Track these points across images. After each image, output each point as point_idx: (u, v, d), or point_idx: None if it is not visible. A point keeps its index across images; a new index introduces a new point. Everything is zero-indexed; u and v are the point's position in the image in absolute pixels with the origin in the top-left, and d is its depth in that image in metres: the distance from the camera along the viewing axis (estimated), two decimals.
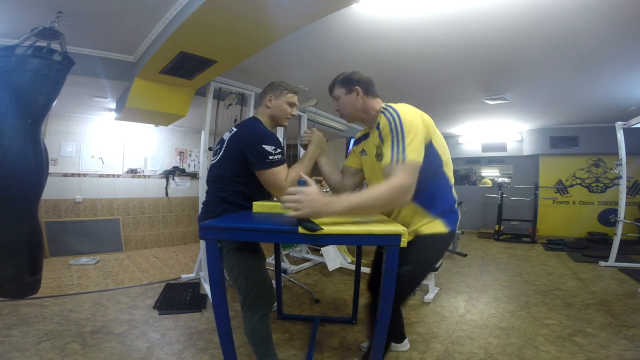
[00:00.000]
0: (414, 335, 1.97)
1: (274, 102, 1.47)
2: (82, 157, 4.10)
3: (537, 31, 2.27)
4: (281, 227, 0.98)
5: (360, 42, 2.51)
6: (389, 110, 1.19)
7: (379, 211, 1.11)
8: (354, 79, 1.34)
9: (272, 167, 1.29)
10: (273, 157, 1.29)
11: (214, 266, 1.00)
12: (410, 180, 1.03)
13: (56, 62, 1.53)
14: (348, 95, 1.34)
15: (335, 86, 1.39)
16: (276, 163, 1.30)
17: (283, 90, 1.47)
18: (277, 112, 1.47)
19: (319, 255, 3.55)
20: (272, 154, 1.29)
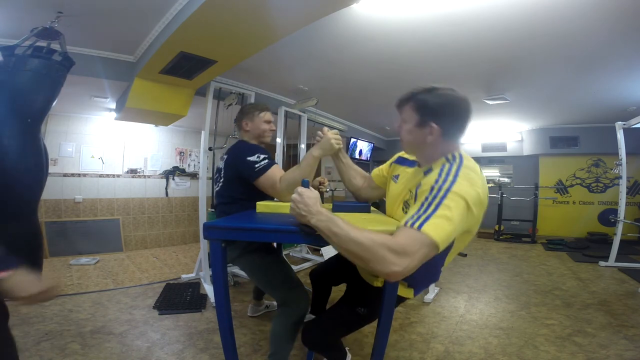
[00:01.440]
0: (414, 335, 1.97)
1: (250, 125, 1.64)
2: (82, 157, 4.10)
3: (537, 31, 2.27)
4: (282, 227, 0.98)
5: (360, 42, 2.51)
6: (451, 165, 0.87)
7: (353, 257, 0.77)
8: (436, 110, 0.92)
9: (262, 173, 1.37)
10: (259, 164, 1.39)
11: (218, 266, 1.00)
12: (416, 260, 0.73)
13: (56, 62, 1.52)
14: (418, 128, 0.94)
15: (408, 105, 0.97)
16: (264, 168, 1.38)
17: (254, 112, 1.64)
18: (256, 132, 1.64)
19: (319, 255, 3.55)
20: (257, 162, 1.39)
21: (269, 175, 1.37)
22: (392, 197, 1.15)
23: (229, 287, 1.06)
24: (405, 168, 1.16)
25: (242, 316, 2.23)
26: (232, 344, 1.10)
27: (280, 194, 1.34)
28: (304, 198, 0.85)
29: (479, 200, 0.81)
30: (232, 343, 1.09)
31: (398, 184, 1.15)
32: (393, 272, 0.72)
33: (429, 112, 0.92)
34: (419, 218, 0.76)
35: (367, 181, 1.38)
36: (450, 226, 0.76)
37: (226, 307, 1.05)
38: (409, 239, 0.74)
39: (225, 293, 1.04)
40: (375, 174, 1.35)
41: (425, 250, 0.74)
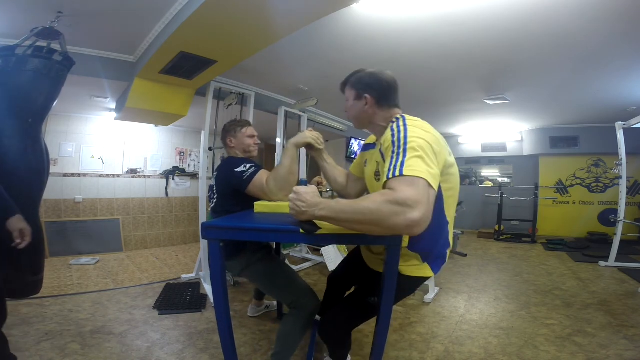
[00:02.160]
0: (414, 335, 1.97)
1: (234, 141, 1.70)
2: (82, 157, 4.10)
3: (537, 31, 2.27)
4: (282, 227, 0.98)
5: (360, 42, 2.51)
6: (397, 122, 0.97)
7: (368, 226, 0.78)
8: (367, 84, 1.11)
9: (250, 180, 1.40)
10: (245, 172, 1.42)
11: (216, 266, 1.00)
12: (416, 194, 0.73)
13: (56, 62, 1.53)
14: (356, 101, 1.13)
15: (347, 86, 1.19)
16: (251, 175, 1.41)
17: (236, 128, 1.70)
18: (241, 147, 1.70)
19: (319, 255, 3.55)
20: (244, 171, 1.43)
21: (256, 181, 1.40)
22: (369, 179, 1.23)
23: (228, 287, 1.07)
24: (370, 151, 1.24)
25: (242, 316, 2.23)
26: (232, 344, 1.10)
27: (271, 193, 1.36)
28: (300, 195, 0.86)
29: (435, 139, 0.92)
30: (232, 343, 1.09)
31: (368, 165, 1.23)
32: (411, 219, 0.72)
33: (362, 87, 1.11)
34: (395, 168, 0.80)
35: (349, 177, 1.45)
36: (424, 163, 0.81)
37: (225, 307, 1.05)
38: (400, 186, 0.76)
39: (224, 293, 1.04)
40: (352, 167, 1.44)
41: (421, 189, 0.75)
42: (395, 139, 0.89)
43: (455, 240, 4.26)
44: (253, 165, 1.47)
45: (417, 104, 4.33)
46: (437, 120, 5.48)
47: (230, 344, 1.09)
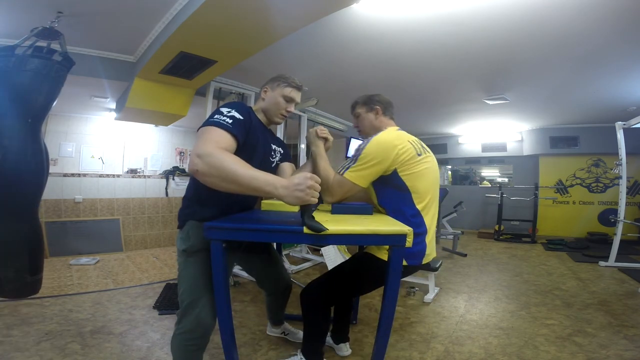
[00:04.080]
0: (414, 335, 1.97)
1: (269, 93, 1.37)
2: (82, 157, 4.10)
3: (537, 31, 2.27)
4: (285, 227, 0.98)
5: (361, 42, 2.51)
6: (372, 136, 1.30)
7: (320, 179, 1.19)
8: (376, 99, 1.47)
9: (206, 125, 1.06)
10: (220, 116, 1.08)
11: (218, 266, 1.00)
12: (336, 190, 1.26)
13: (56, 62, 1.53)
14: (368, 113, 1.47)
15: (358, 105, 1.50)
16: (215, 123, 1.05)
17: (281, 83, 1.36)
18: (271, 105, 1.36)
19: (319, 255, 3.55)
20: (221, 113, 1.10)
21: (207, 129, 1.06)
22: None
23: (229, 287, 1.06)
24: None
25: (242, 316, 2.23)
26: (232, 343, 1.10)
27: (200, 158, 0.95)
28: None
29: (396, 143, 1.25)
30: (232, 343, 1.10)
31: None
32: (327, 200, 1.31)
33: (372, 102, 1.47)
34: (343, 168, 1.27)
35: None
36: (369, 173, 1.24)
37: (226, 307, 1.05)
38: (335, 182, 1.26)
39: (225, 293, 1.04)
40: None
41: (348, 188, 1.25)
42: (357, 148, 1.29)
43: (455, 240, 4.26)
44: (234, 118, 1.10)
45: (417, 104, 4.33)
46: (437, 120, 5.48)
47: (231, 344, 1.09)
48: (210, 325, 1.16)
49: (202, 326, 1.15)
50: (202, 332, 1.15)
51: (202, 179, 0.94)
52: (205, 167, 0.92)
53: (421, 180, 1.28)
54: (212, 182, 0.94)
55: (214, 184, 0.94)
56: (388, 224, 1.04)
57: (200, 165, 0.92)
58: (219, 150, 0.97)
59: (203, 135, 1.03)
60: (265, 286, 1.72)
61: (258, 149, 1.26)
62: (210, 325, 1.16)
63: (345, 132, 5.53)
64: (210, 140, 1.00)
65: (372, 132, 1.42)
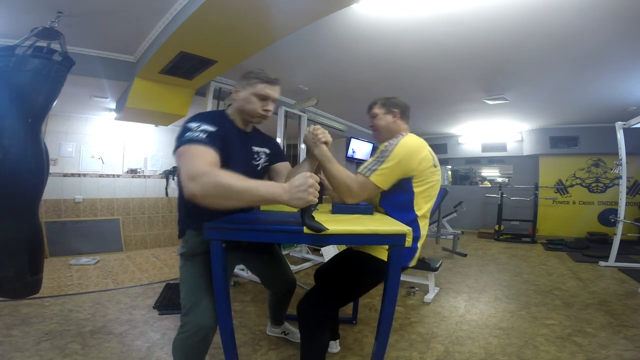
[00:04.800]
0: (414, 335, 1.97)
1: (240, 94, 1.23)
2: (82, 157, 4.10)
3: (537, 31, 2.28)
4: (285, 227, 0.98)
5: (360, 42, 2.51)
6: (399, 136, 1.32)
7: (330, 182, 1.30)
8: (394, 102, 1.48)
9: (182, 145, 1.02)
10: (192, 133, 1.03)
11: (218, 266, 1.00)
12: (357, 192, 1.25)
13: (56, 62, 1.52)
14: (387, 114, 1.47)
15: (377, 104, 1.50)
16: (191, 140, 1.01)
17: (252, 80, 1.22)
18: (243, 106, 1.23)
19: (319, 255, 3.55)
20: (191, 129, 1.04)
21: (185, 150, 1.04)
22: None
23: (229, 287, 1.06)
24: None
25: (242, 316, 2.23)
26: (232, 344, 1.10)
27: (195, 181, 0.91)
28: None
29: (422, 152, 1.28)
30: (232, 343, 1.09)
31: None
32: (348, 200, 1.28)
33: (390, 105, 1.47)
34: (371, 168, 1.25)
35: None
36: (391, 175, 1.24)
37: (225, 307, 1.05)
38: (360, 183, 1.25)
39: (225, 293, 1.04)
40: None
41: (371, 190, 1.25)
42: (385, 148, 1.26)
43: (455, 240, 4.26)
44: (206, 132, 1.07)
45: (417, 104, 4.33)
46: (437, 120, 5.49)
47: (231, 344, 1.09)
48: (211, 328, 1.13)
49: (203, 330, 1.12)
50: (203, 335, 1.13)
51: (202, 202, 0.88)
52: (202, 188, 0.87)
53: (429, 190, 1.31)
54: (214, 203, 0.89)
55: (217, 204, 0.89)
56: (388, 224, 1.04)
57: (197, 189, 0.88)
58: (209, 167, 0.92)
59: (185, 156, 0.98)
60: (269, 285, 1.71)
61: (235, 157, 1.17)
62: (211, 329, 1.14)
63: (345, 132, 5.53)
64: (195, 159, 0.96)
65: (388, 134, 1.43)
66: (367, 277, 1.30)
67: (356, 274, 1.31)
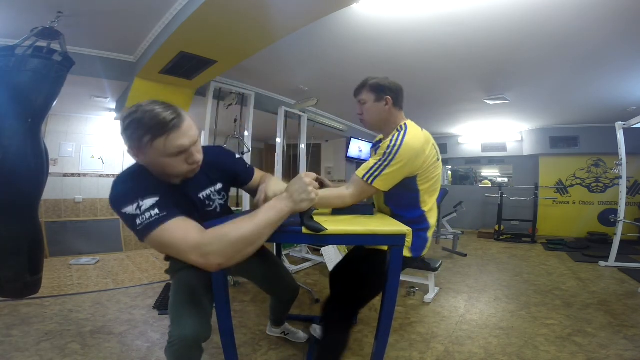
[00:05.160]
0: (414, 335, 1.97)
1: (144, 159, 0.91)
2: (82, 157, 4.10)
3: (537, 31, 2.28)
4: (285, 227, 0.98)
5: (360, 42, 2.51)
6: (400, 132, 1.20)
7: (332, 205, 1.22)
8: (386, 87, 1.28)
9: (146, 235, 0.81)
10: (142, 217, 0.82)
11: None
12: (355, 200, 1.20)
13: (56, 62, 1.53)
14: (377, 102, 1.29)
15: (364, 89, 1.32)
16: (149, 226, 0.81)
17: (143, 138, 0.85)
18: (160, 172, 0.94)
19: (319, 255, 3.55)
20: (135, 214, 0.83)
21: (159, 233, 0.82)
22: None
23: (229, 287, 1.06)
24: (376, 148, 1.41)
25: (242, 316, 2.23)
26: (232, 344, 1.10)
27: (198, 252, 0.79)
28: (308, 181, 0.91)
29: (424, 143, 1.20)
30: (232, 343, 1.10)
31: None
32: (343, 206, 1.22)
33: (380, 89, 1.28)
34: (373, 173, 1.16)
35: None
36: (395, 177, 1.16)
37: (225, 307, 1.06)
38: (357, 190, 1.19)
39: (225, 293, 1.04)
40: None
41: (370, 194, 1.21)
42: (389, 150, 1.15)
43: (455, 240, 4.26)
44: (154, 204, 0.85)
45: (417, 104, 4.33)
46: (437, 120, 5.48)
47: (231, 344, 1.09)
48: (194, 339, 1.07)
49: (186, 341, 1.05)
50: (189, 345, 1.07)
51: (230, 263, 0.80)
52: (221, 255, 0.77)
53: (433, 185, 1.27)
54: (239, 258, 0.80)
55: (241, 257, 0.81)
56: (387, 224, 1.04)
57: (216, 259, 0.77)
58: (202, 233, 0.80)
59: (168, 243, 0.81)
60: (271, 293, 1.68)
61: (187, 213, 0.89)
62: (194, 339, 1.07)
63: (345, 132, 5.53)
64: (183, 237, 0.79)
65: (380, 124, 1.32)
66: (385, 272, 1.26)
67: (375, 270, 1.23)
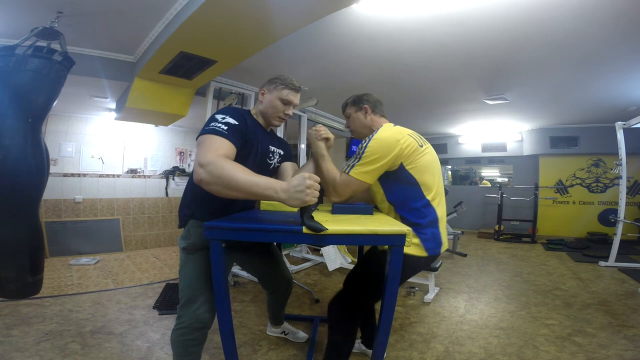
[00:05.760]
0: (414, 335, 1.97)
1: (266, 96, 1.34)
2: (82, 157, 4.10)
3: (537, 31, 2.27)
4: (285, 227, 0.98)
5: (360, 42, 2.51)
6: (373, 133, 1.31)
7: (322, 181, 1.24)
8: (364, 99, 1.48)
9: (203, 133, 1.09)
10: (216, 123, 1.10)
11: (217, 265, 1.00)
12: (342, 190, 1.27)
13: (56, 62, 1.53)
14: (358, 112, 1.47)
15: (348, 105, 1.52)
16: (212, 131, 1.08)
17: (278, 85, 1.33)
18: (267, 108, 1.34)
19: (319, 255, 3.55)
20: (216, 120, 1.12)
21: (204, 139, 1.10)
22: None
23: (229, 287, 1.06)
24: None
25: (242, 316, 2.23)
26: (232, 344, 1.10)
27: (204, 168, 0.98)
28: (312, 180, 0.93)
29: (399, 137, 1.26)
30: (232, 343, 1.09)
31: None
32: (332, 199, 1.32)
33: (359, 101, 1.48)
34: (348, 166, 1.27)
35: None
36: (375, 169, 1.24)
37: (225, 307, 1.05)
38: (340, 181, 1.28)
39: (225, 293, 1.04)
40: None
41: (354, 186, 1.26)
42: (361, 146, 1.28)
43: (455, 240, 4.26)
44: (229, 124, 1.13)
45: (417, 103, 4.33)
46: (437, 120, 5.48)
47: (231, 344, 1.09)
48: (208, 320, 1.18)
49: (200, 322, 1.18)
50: (199, 327, 1.18)
51: (207, 187, 0.97)
52: (208, 176, 0.95)
53: (428, 171, 1.30)
54: (216, 190, 0.96)
55: (218, 191, 0.96)
56: (387, 224, 1.04)
57: (204, 175, 0.96)
58: (219, 158, 1.00)
59: (202, 144, 1.06)
60: (266, 284, 1.71)
61: (252, 152, 1.25)
62: (208, 321, 1.19)
63: (345, 132, 5.53)
64: (210, 148, 1.03)
65: (364, 130, 1.46)
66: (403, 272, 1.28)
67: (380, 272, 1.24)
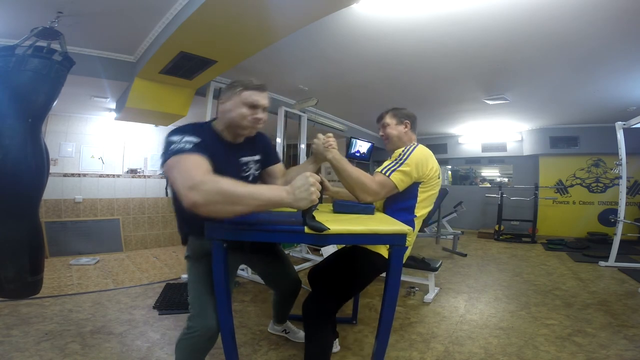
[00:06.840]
0: (414, 335, 1.97)
1: (226, 104, 1.17)
2: (82, 157, 4.10)
3: (537, 31, 2.28)
4: (286, 227, 0.98)
5: (360, 42, 2.51)
6: (412, 145, 1.43)
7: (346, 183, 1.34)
8: (405, 113, 1.59)
9: (170, 157, 0.96)
10: (177, 144, 0.98)
11: (218, 266, 1.00)
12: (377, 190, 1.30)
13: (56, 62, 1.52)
14: (398, 125, 1.57)
15: (388, 114, 1.61)
16: (179, 151, 0.96)
17: (237, 88, 1.16)
18: (232, 117, 1.16)
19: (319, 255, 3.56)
20: (175, 142, 1.00)
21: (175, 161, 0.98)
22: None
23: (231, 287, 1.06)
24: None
25: (242, 316, 2.23)
26: (232, 344, 1.10)
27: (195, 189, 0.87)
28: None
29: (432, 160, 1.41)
30: (232, 343, 1.10)
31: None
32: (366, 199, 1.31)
33: (402, 116, 1.58)
34: (390, 168, 1.33)
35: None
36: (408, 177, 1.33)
37: (226, 307, 1.06)
38: (379, 181, 1.31)
39: (225, 293, 1.04)
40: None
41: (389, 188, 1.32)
42: (402, 153, 1.38)
43: (455, 240, 4.26)
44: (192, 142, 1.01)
45: (417, 103, 4.33)
46: (437, 120, 5.49)
47: (231, 343, 1.09)
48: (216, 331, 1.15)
49: (210, 331, 1.14)
50: (209, 336, 1.15)
51: (205, 210, 0.84)
52: (204, 197, 0.83)
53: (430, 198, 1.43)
54: (216, 210, 0.85)
55: (218, 211, 0.85)
56: (388, 224, 1.04)
57: (197, 197, 0.83)
58: (208, 175, 0.89)
59: (176, 167, 0.93)
60: (273, 286, 1.70)
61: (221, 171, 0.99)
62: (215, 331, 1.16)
63: (345, 132, 5.53)
64: (190, 168, 0.91)
65: (399, 143, 1.54)
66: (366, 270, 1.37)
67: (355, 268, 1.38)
